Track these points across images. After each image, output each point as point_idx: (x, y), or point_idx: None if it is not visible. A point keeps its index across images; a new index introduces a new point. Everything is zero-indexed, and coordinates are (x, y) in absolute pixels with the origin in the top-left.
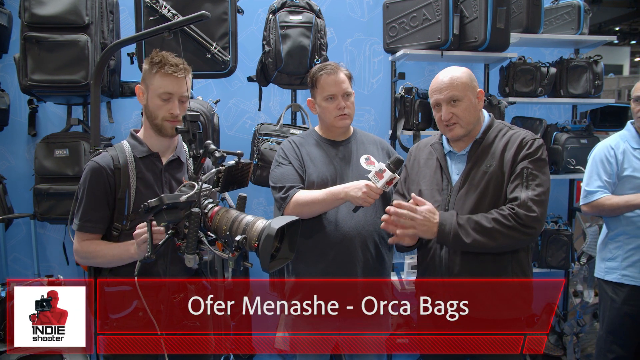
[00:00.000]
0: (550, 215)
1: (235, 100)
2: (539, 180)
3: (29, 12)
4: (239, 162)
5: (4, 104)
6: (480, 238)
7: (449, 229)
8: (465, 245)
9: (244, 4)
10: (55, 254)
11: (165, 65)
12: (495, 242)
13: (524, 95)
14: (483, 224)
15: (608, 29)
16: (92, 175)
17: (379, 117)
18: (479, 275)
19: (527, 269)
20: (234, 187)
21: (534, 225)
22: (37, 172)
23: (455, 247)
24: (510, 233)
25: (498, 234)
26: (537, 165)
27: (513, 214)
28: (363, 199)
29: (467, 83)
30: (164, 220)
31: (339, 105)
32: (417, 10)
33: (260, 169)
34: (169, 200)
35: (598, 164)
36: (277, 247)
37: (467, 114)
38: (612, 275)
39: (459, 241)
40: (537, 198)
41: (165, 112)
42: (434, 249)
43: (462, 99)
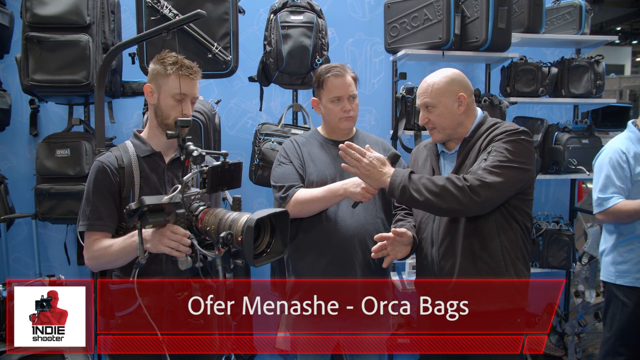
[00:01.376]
0: (552, 216)
1: (237, 100)
2: (501, 156)
3: (31, 12)
4: (226, 162)
5: (6, 104)
6: (429, 195)
7: (399, 181)
8: (412, 200)
9: (245, 4)
10: (57, 254)
11: (182, 67)
12: (443, 202)
13: (526, 95)
14: (435, 181)
15: (609, 28)
16: (97, 175)
17: (380, 117)
18: (472, 273)
19: (520, 271)
20: (223, 187)
21: (479, 191)
22: (38, 172)
23: (403, 201)
24: (457, 194)
25: (447, 193)
26: (508, 144)
27: (464, 178)
28: (362, 194)
29: (442, 89)
30: (147, 222)
31: (345, 108)
32: (418, 10)
33: (261, 169)
34: (149, 202)
35: (610, 169)
36: (269, 242)
37: (441, 119)
38: (624, 279)
39: (406, 194)
40: (490, 168)
41: (178, 112)
42: (426, 249)
43: (435, 105)
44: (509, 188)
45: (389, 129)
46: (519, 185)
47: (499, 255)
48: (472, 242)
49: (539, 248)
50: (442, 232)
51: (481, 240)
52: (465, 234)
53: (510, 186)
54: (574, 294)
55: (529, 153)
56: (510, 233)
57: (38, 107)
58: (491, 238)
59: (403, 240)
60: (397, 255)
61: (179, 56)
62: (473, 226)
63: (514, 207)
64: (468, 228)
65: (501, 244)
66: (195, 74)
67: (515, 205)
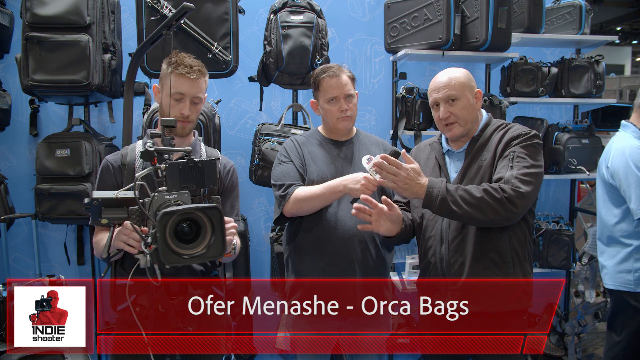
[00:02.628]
0: (552, 216)
1: (237, 100)
2: (526, 162)
3: (31, 12)
4: (190, 159)
5: (6, 104)
6: (467, 208)
7: (437, 192)
8: (451, 212)
9: (245, 4)
10: (57, 254)
11: (180, 66)
12: (482, 214)
13: (526, 95)
14: (472, 192)
15: (609, 28)
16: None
17: (380, 117)
18: (481, 272)
19: (527, 272)
20: (191, 186)
21: (517, 202)
22: (38, 172)
23: (441, 213)
24: (496, 206)
25: (486, 206)
26: (526, 149)
27: (500, 188)
28: (362, 191)
29: (464, 83)
30: (100, 217)
31: (342, 108)
32: (418, 10)
33: (261, 169)
34: (97, 196)
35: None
36: (210, 241)
37: (465, 112)
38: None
39: (445, 206)
40: (522, 177)
41: (177, 112)
42: (434, 246)
43: (460, 97)
44: (537, 193)
45: (389, 129)
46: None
47: (508, 254)
48: (482, 240)
49: (539, 248)
50: (453, 229)
51: (491, 238)
52: (476, 232)
53: (537, 191)
54: (574, 294)
55: (541, 155)
56: (518, 232)
57: (38, 107)
58: (501, 236)
59: (391, 215)
60: (380, 228)
61: (185, 55)
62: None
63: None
64: (480, 227)
65: (510, 243)
66: (193, 73)
67: None
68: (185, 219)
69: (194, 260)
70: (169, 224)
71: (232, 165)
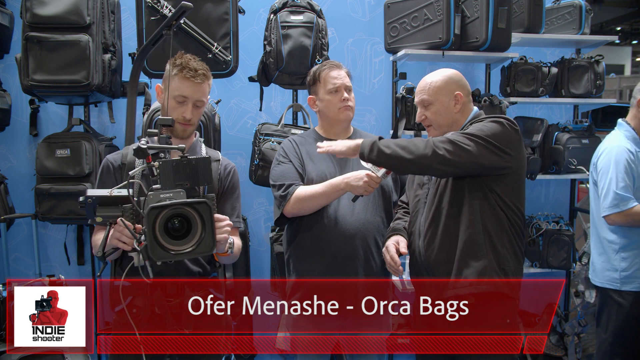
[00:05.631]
0: (552, 216)
1: (237, 100)
2: (475, 130)
3: (31, 12)
4: (184, 156)
5: (6, 104)
6: (395, 147)
7: (370, 141)
8: (380, 154)
9: (245, 4)
10: (57, 254)
11: (185, 69)
12: (409, 153)
13: (525, 95)
14: (405, 140)
15: (609, 28)
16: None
17: (380, 117)
18: (448, 252)
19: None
20: (185, 183)
21: (440, 145)
22: (38, 172)
23: (372, 156)
24: (420, 145)
25: (412, 145)
26: (482, 122)
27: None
28: (364, 188)
29: (440, 87)
30: (95, 215)
31: (343, 97)
32: (418, 10)
33: (261, 169)
34: (91, 194)
35: (622, 170)
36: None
37: (437, 117)
38: (630, 285)
39: (374, 149)
40: (458, 135)
41: (179, 114)
42: (415, 242)
43: (433, 102)
44: (472, 160)
45: (389, 129)
46: (487, 164)
47: (480, 238)
48: (452, 224)
49: (539, 248)
50: (427, 222)
51: (462, 223)
52: (446, 217)
53: (474, 159)
54: (574, 294)
55: (508, 136)
56: (494, 221)
57: (38, 107)
58: (473, 221)
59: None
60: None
61: (190, 58)
62: (456, 210)
63: (497, 195)
64: (450, 213)
65: (484, 228)
66: (198, 77)
67: (498, 193)
68: (176, 214)
69: (183, 256)
70: (158, 219)
71: (232, 167)
